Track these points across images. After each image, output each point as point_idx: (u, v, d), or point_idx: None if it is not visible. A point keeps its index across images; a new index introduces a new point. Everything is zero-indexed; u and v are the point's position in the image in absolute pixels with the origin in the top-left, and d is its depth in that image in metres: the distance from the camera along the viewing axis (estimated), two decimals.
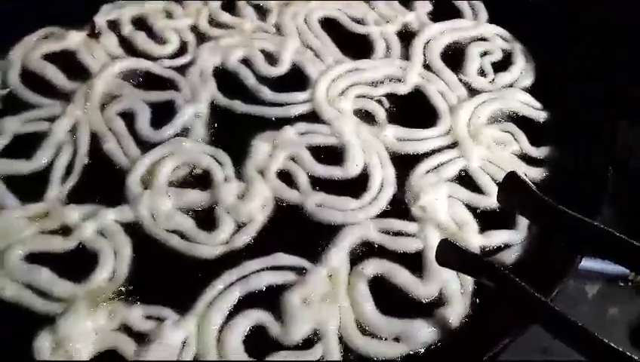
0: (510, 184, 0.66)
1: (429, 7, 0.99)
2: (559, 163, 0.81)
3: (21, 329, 0.65)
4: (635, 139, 0.95)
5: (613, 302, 0.86)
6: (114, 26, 0.94)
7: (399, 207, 0.75)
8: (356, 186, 0.77)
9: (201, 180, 0.77)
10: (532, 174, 0.79)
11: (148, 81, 0.88)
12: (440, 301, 0.68)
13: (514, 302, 0.60)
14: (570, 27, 0.93)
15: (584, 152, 0.80)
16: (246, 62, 0.90)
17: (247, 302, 0.67)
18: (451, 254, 0.63)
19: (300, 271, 0.69)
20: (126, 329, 0.65)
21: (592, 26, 0.93)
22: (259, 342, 0.65)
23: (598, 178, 0.74)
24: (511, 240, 0.73)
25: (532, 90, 0.89)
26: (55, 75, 0.87)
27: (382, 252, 0.71)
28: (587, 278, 0.88)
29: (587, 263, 0.88)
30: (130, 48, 0.91)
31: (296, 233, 0.73)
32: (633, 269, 0.59)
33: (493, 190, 0.76)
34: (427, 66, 0.91)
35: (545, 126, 0.85)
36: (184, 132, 0.82)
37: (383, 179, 0.78)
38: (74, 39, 0.91)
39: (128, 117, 0.83)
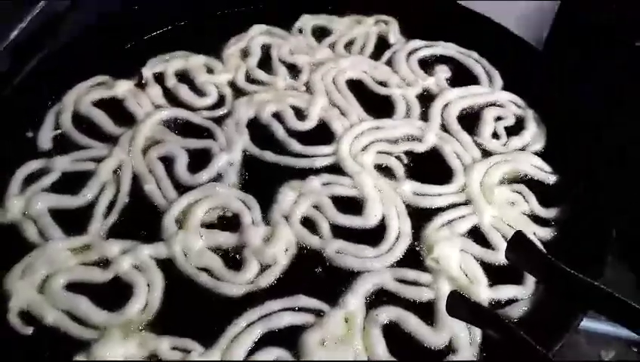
0: (518, 243, 0.69)
1: (448, 73, 1.05)
2: (566, 223, 0.84)
3: (59, 352, 0.70)
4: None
5: None
6: (159, 78, 1.01)
7: (414, 258, 0.80)
8: (374, 236, 0.82)
9: (231, 223, 0.82)
10: (540, 233, 0.83)
11: (187, 130, 0.94)
12: (449, 349, 0.71)
13: (518, 354, 0.63)
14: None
15: (589, 212, 0.83)
16: (277, 116, 0.96)
17: (268, 339, 0.71)
18: (461, 306, 0.67)
19: (319, 314, 0.73)
20: (154, 358, 0.69)
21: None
22: None
23: (602, 238, 0.78)
24: (518, 295, 0.76)
25: (542, 154, 0.93)
26: (103, 119, 0.94)
27: (396, 299, 0.75)
28: (603, 343, 0.89)
29: (603, 327, 0.88)
30: (172, 99, 0.98)
31: (316, 277, 0.78)
32: (631, 328, 0.62)
33: (502, 246, 0.79)
34: (444, 128, 0.96)
35: (554, 188, 0.90)
36: (218, 177, 0.88)
37: (400, 230, 0.82)
38: (122, 88, 0.98)
39: (168, 161, 0.89)
